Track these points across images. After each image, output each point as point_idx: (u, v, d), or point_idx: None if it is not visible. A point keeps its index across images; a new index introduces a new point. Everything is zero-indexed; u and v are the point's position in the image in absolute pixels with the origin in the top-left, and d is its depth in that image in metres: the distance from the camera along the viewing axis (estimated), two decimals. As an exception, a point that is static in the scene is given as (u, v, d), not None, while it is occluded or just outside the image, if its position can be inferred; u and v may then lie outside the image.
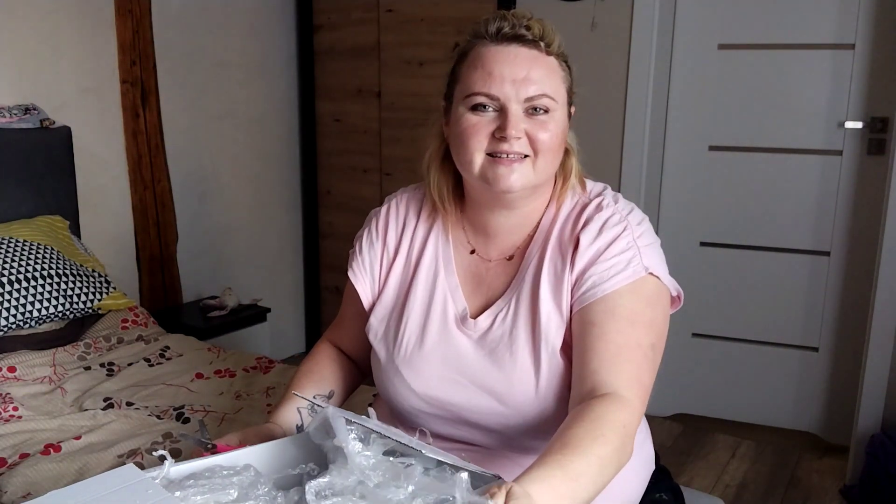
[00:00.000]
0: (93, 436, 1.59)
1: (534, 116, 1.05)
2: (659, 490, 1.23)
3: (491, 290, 1.14)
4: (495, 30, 1.05)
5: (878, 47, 2.52)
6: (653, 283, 1.06)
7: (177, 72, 2.90)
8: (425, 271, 1.17)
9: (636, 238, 1.06)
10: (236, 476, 0.88)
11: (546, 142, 1.04)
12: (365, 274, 1.22)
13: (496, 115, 1.05)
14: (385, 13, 3.13)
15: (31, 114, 2.39)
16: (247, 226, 3.29)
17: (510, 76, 1.03)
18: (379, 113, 3.24)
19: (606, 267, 1.04)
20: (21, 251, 2.11)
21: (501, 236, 1.14)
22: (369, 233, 1.23)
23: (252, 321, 2.90)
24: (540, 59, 1.05)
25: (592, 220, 1.08)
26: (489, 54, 1.05)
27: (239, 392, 1.86)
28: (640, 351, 1.02)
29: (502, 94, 1.03)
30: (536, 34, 1.05)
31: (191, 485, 0.86)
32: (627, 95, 2.73)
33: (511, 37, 1.05)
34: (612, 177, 2.80)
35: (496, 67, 1.04)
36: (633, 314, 1.03)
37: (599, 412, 0.95)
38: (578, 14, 2.73)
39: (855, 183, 2.64)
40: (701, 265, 2.88)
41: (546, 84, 1.05)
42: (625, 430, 0.95)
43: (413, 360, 1.12)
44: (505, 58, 1.04)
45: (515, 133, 1.03)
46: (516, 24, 1.05)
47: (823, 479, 2.53)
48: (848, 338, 2.71)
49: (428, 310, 1.14)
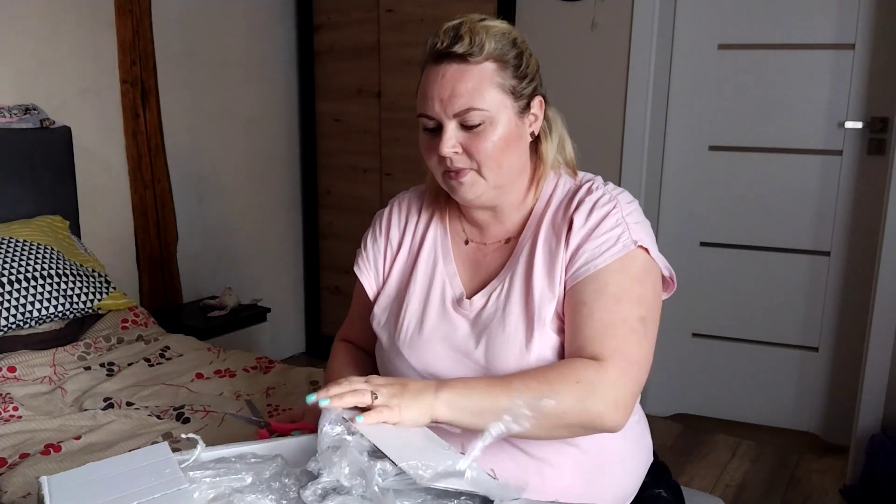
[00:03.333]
0: (93, 436, 1.59)
1: (471, 130, 1.08)
2: (658, 487, 1.24)
3: (487, 272, 1.19)
4: (430, 49, 1.10)
5: (878, 47, 2.53)
6: (642, 259, 1.10)
7: (177, 72, 2.90)
8: (425, 261, 1.23)
9: (625, 215, 1.10)
10: (263, 464, 0.88)
11: (485, 151, 1.08)
12: (369, 268, 1.28)
13: (439, 132, 1.10)
14: (385, 13, 3.13)
15: (31, 114, 2.39)
16: (247, 226, 3.29)
17: (438, 95, 1.08)
18: (379, 113, 3.24)
19: (598, 244, 1.08)
20: (21, 251, 2.11)
21: (491, 227, 1.21)
22: (373, 231, 1.31)
23: (252, 321, 2.91)
24: (468, 71, 1.07)
25: (584, 201, 1.12)
26: (426, 76, 1.10)
27: (239, 392, 1.86)
28: (626, 326, 1.05)
29: (434, 113, 1.09)
30: (465, 46, 1.07)
31: (212, 468, 0.87)
32: (627, 95, 2.73)
33: (442, 55, 1.08)
34: (612, 177, 2.79)
35: (429, 88, 1.09)
36: (621, 291, 1.07)
37: (559, 364, 1.03)
38: (578, 14, 2.73)
39: (855, 183, 2.64)
40: (701, 265, 2.88)
41: (473, 97, 1.07)
42: (579, 384, 1.00)
43: (413, 342, 1.17)
44: (435, 77, 1.08)
45: (447, 151, 1.08)
46: (447, 41, 1.08)
47: (823, 479, 2.54)
48: (848, 338, 2.71)
49: (427, 295, 1.20)
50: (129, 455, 0.91)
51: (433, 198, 1.25)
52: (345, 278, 3.33)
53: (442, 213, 1.25)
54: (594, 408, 1.00)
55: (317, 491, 0.82)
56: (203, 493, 0.83)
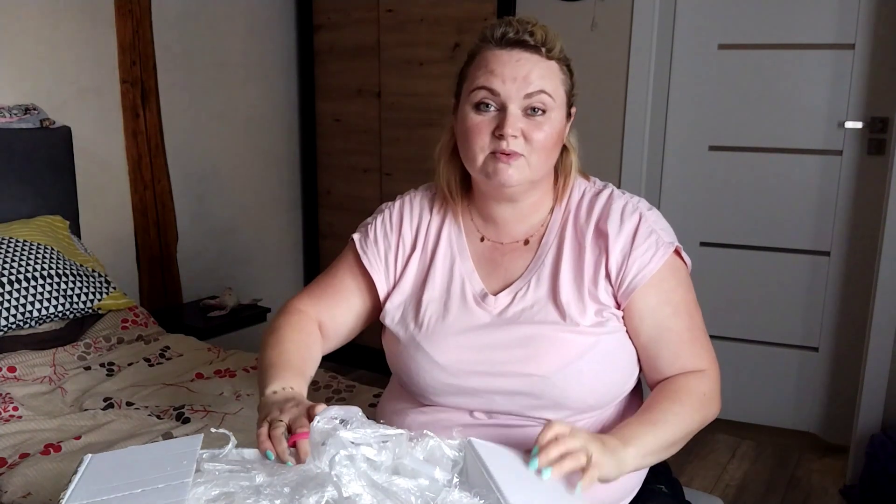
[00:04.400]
0: (93, 436, 1.59)
1: (531, 117, 1.12)
2: (658, 482, 1.25)
3: (508, 272, 1.20)
4: (500, 35, 1.13)
5: (878, 47, 2.52)
6: (680, 265, 1.18)
7: (177, 72, 2.90)
8: (441, 259, 1.23)
9: (652, 223, 1.16)
10: (281, 468, 0.88)
11: (541, 141, 1.12)
12: (380, 262, 1.26)
13: (496, 114, 1.12)
14: (385, 13, 3.13)
15: (31, 114, 2.39)
16: (247, 226, 3.29)
17: (511, 75, 1.11)
18: (379, 113, 3.24)
19: (643, 251, 1.13)
20: (21, 251, 2.11)
21: (509, 225, 1.21)
22: (383, 221, 1.28)
23: (252, 321, 2.90)
24: (541, 62, 1.13)
25: (611, 209, 1.17)
26: (493, 57, 1.13)
27: (239, 392, 1.86)
28: (704, 333, 1.18)
29: (503, 90, 1.10)
30: (539, 40, 1.12)
31: (230, 465, 0.89)
32: (627, 95, 2.73)
33: (514, 42, 1.12)
34: (613, 177, 2.80)
35: (498, 68, 1.11)
36: (688, 304, 1.17)
37: (680, 384, 1.13)
38: (578, 14, 2.73)
39: (855, 183, 2.64)
40: (701, 265, 2.84)
41: (545, 83, 1.12)
42: (705, 396, 1.12)
43: (435, 336, 1.17)
44: (507, 60, 1.12)
45: (512, 132, 1.10)
46: (520, 30, 1.12)
47: (823, 479, 2.53)
48: (848, 338, 2.71)
49: (448, 291, 1.20)
50: (165, 443, 0.96)
51: (445, 196, 1.25)
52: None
53: (455, 210, 1.25)
54: (713, 412, 1.14)
55: (320, 501, 0.81)
56: (207, 489, 0.84)
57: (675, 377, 1.14)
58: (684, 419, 1.09)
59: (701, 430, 1.14)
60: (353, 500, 0.81)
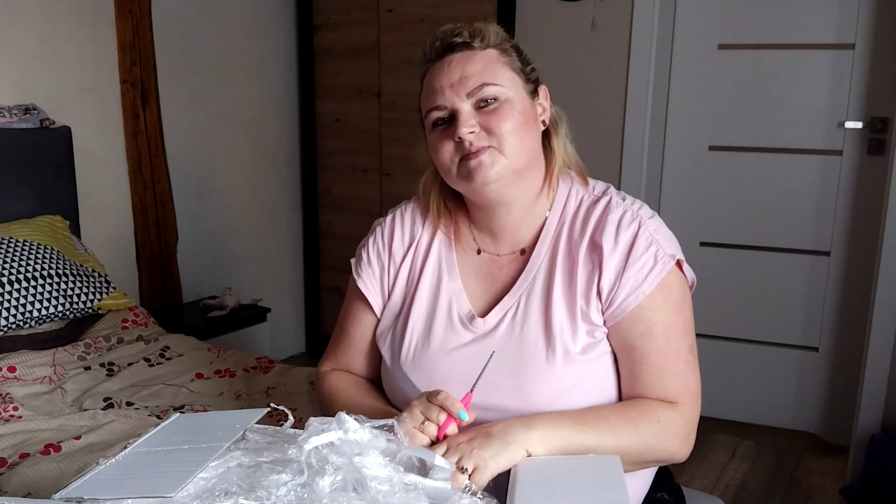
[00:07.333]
0: (93, 436, 1.59)
1: (485, 109, 1.08)
2: (661, 490, 1.23)
3: (501, 285, 1.15)
4: (429, 49, 1.13)
5: (878, 47, 2.53)
6: (677, 281, 1.10)
7: (177, 72, 2.90)
8: (429, 277, 1.19)
9: (653, 232, 1.10)
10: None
11: (504, 126, 1.07)
12: (375, 283, 1.23)
13: (452, 123, 1.09)
14: (385, 13, 3.13)
15: (31, 114, 2.39)
16: (247, 226, 3.29)
17: (448, 83, 1.09)
18: (379, 113, 3.24)
19: (638, 268, 1.07)
20: (21, 251, 2.11)
21: (508, 233, 1.17)
22: (375, 241, 1.25)
23: (252, 321, 2.90)
24: (474, 56, 1.10)
25: (607, 221, 1.10)
26: (431, 74, 1.12)
27: (239, 392, 1.86)
28: (680, 361, 1.08)
29: (446, 100, 1.09)
30: (466, 36, 1.11)
31: (270, 437, 0.91)
32: (627, 95, 2.73)
33: (445, 49, 1.12)
34: (613, 177, 2.80)
35: (437, 82, 1.10)
36: (668, 328, 1.08)
37: (638, 403, 1.06)
38: (578, 14, 2.73)
39: (855, 183, 2.64)
40: (701, 265, 2.85)
41: (484, 75, 1.09)
42: (659, 423, 1.04)
43: (419, 363, 1.13)
44: (441, 70, 1.11)
45: (467, 129, 1.07)
46: (446, 37, 1.12)
47: (823, 479, 2.53)
48: (848, 338, 2.71)
49: (432, 314, 1.16)
50: (236, 412, 1.04)
51: (437, 209, 1.20)
52: (345, 278, 3.32)
53: (448, 223, 1.20)
54: (671, 445, 1.05)
55: (334, 483, 0.81)
56: (240, 455, 0.89)
57: (641, 399, 1.07)
58: (619, 433, 1.01)
59: (696, 434, 1.08)
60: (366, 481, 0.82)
